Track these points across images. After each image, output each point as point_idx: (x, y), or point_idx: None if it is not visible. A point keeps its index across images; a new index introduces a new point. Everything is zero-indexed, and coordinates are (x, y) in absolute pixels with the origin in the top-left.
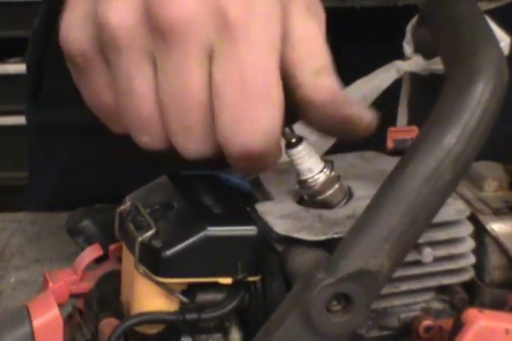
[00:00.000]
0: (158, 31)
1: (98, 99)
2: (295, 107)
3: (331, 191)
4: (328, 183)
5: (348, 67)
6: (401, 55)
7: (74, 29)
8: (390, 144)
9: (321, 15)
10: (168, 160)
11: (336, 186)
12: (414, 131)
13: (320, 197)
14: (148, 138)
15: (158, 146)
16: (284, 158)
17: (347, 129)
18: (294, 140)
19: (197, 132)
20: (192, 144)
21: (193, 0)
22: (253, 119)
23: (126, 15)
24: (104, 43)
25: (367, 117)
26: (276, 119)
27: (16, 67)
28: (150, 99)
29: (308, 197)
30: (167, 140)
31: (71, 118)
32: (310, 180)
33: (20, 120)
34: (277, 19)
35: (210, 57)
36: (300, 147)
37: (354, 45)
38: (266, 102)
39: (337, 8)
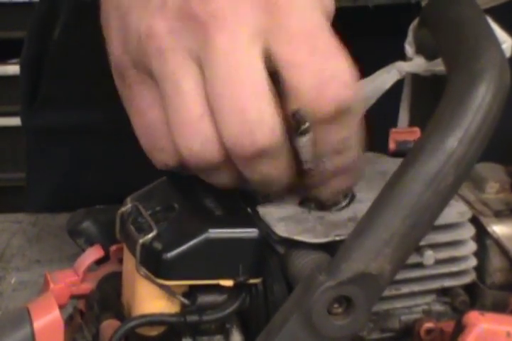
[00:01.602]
0: (198, 26)
1: (144, 117)
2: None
3: None
4: None
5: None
6: (403, 56)
7: (115, 47)
8: (391, 145)
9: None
10: None
11: None
12: (415, 132)
13: None
14: (199, 142)
15: (210, 151)
16: None
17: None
18: (304, 126)
19: (252, 116)
20: (250, 139)
21: None
22: (335, 72)
23: (164, 21)
24: (146, 54)
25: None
26: (351, 65)
27: (16, 69)
28: (198, 98)
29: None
30: (218, 142)
31: (70, 120)
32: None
33: (20, 121)
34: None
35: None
36: (309, 135)
37: (353, 45)
38: (336, 51)
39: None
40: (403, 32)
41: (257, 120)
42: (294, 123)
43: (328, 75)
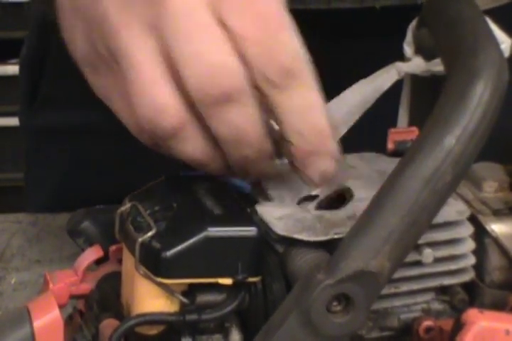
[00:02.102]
0: None
1: (124, 100)
2: None
3: None
4: None
5: (349, 68)
6: (402, 56)
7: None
8: (390, 145)
9: None
10: (168, 161)
11: None
12: (414, 132)
13: None
14: (153, 112)
15: (166, 118)
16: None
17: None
18: None
19: (216, 58)
20: (212, 73)
21: None
22: (281, 43)
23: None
24: (106, 33)
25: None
26: (297, 36)
27: (16, 69)
28: (153, 66)
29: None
30: (176, 107)
31: (69, 120)
32: None
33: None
34: None
35: None
36: None
37: (354, 46)
38: (283, 24)
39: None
40: (403, 32)
41: (219, 63)
42: None
43: (275, 46)
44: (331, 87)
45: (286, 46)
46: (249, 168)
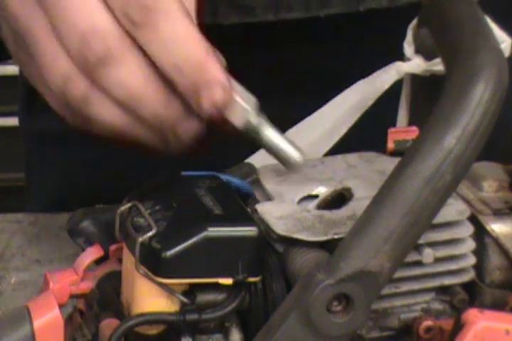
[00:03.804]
0: None
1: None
2: None
3: None
4: None
5: (349, 68)
6: (402, 56)
7: None
8: (390, 145)
9: None
10: (168, 160)
11: None
12: (414, 132)
13: None
14: (62, 83)
15: (74, 87)
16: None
17: None
18: None
19: (86, 27)
20: (85, 41)
21: None
22: None
23: None
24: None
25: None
26: None
27: (16, 69)
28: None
29: None
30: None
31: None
32: None
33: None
34: None
35: None
36: None
37: (354, 46)
38: None
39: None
40: (400, 35)
41: (89, 29)
42: None
43: None
44: (331, 87)
45: None
46: (174, 130)
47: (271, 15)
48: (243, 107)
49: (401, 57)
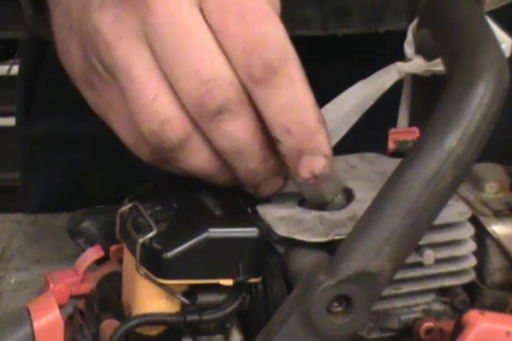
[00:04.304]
0: None
1: (120, 115)
2: None
3: None
4: None
5: (349, 68)
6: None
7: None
8: (390, 145)
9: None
10: None
11: None
12: (414, 132)
13: None
14: (158, 125)
15: (172, 130)
16: None
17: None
18: None
19: (206, 75)
20: (206, 90)
21: None
22: (262, 36)
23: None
24: (98, 47)
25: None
26: (281, 28)
27: (15, 68)
28: (152, 80)
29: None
30: (180, 119)
31: (68, 127)
32: None
33: None
34: None
35: None
36: None
37: (354, 46)
38: (266, 17)
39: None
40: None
41: (212, 77)
42: None
43: (255, 40)
44: (331, 87)
45: (266, 39)
46: (258, 183)
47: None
48: (337, 182)
49: (401, 57)
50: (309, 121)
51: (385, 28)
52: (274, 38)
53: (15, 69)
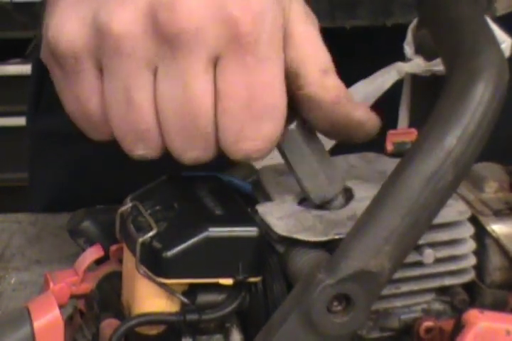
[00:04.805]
0: (165, 39)
1: (82, 105)
2: (298, 106)
3: None
4: None
5: (349, 68)
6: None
7: (68, 30)
8: (389, 147)
9: (315, 20)
10: (169, 159)
11: None
12: (413, 134)
13: None
14: (143, 151)
15: (153, 156)
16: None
17: (349, 132)
18: None
19: (199, 141)
20: (192, 152)
21: (202, 8)
22: (258, 131)
23: (131, 23)
24: (104, 50)
25: (371, 121)
26: (279, 128)
27: (17, 68)
28: (149, 110)
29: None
30: (162, 149)
31: (73, 124)
32: None
33: (20, 121)
34: (281, 26)
35: (215, 66)
36: None
37: (354, 46)
38: (271, 115)
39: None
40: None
41: (201, 147)
42: None
43: (249, 133)
44: None
45: (261, 135)
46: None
47: None
48: (338, 180)
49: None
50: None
51: (393, 21)
52: (267, 136)
53: (15, 69)
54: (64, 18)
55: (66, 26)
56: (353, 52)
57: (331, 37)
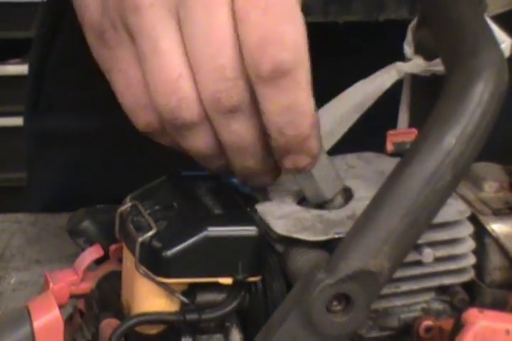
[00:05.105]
0: None
1: (126, 78)
2: None
3: None
4: None
5: (349, 68)
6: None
7: (93, 6)
8: (389, 147)
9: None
10: (168, 159)
11: None
12: (413, 134)
13: None
14: (177, 102)
15: (188, 112)
16: None
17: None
18: None
19: (230, 73)
20: (226, 92)
21: None
22: (280, 35)
23: None
24: (125, 10)
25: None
26: (302, 31)
27: (17, 68)
28: (177, 58)
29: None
30: (197, 101)
31: (71, 124)
32: None
33: (20, 121)
34: None
35: None
36: None
37: (353, 46)
38: (290, 16)
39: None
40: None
41: (233, 77)
42: None
43: (273, 37)
44: (331, 87)
45: (283, 38)
46: (251, 178)
47: None
48: (337, 180)
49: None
50: (304, 127)
51: (386, 16)
52: (291, 39)
53: (15, 69)
54: None
55: (91, 5)
56: (348, 48)
57: (324, 32)
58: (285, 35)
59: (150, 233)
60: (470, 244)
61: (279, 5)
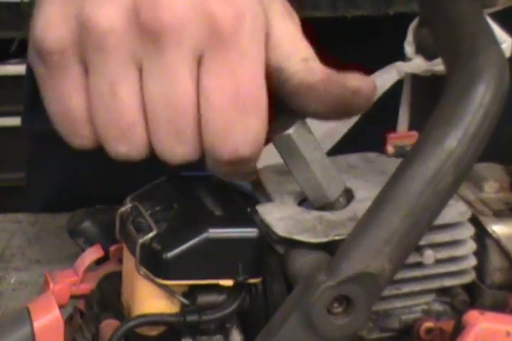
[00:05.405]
0: (149, 35)
1: (65, 104)
2: (290, 100)
3: None
4: None
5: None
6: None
7: (54, 27)
8: (390, 149)
9: (296, 16)
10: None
11: None
12: (413, 137)
13: None
14: (126, 148)
15: (137, 156)
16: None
17: (348, 104)
18: None
19: (186, 138)
20: (179, 150)
21: (185, 4)
22: (244, 126)
23: (115, 19)
24: (89, 45)
25: (366, 85)
26: (265, 123)
27: (17, 68)
28: (134, 105)
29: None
30: (147, 148)
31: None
32: None
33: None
34: (263, 24)
35: (200, 62)
36: None
37: (353, 46)
38: (256, 109)
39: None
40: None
41: (188, 142)
42: None
43: (236, 128)
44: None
45: (248, 130)
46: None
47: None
48: (339, 182)
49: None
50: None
51: (395, 9)
52: (254, 132)
53: (15, 69)
54: (50, 16)
55: (52, 23)
56: (359, 42)
57: (333, 26)
58: (249, 127)
59: (150, 234)
60: (471, 246)
61: (248, 96)
